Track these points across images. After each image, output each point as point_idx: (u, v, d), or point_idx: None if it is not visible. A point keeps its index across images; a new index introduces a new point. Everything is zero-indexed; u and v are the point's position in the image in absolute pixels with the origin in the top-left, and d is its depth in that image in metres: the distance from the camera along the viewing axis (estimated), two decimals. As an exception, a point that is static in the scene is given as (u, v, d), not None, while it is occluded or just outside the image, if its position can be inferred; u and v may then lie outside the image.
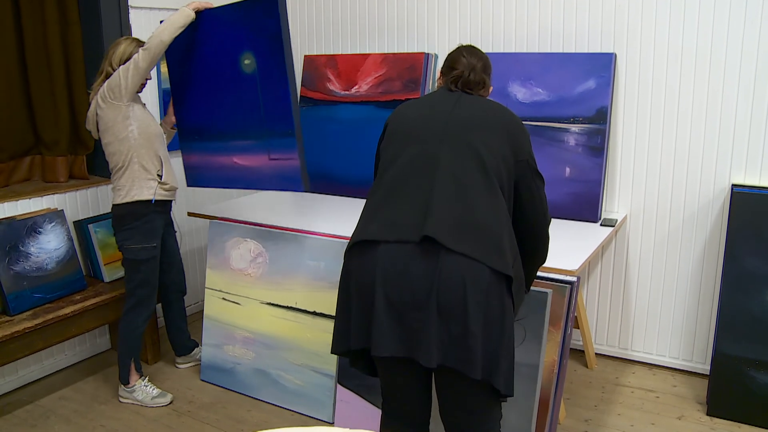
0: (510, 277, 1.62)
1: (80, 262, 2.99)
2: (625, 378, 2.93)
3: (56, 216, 2.91)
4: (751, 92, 2.60)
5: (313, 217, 2.96)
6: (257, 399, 2.80)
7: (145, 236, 2.64)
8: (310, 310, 2.66)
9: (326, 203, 3.25)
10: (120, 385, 2.79)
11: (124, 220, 2.61)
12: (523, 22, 3.03)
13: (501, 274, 1.59)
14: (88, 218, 3.10)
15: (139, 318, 2.73)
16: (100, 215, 3.13)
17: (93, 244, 3.06)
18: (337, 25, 3.57)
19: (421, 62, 3.21)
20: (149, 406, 2.75)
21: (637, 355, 3.04)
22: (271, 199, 3.30)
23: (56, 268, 2.85)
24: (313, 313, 2.65)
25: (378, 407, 2.44)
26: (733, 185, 2.67)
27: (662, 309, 2.94)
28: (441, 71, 1.90)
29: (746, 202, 2.57)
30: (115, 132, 2.55)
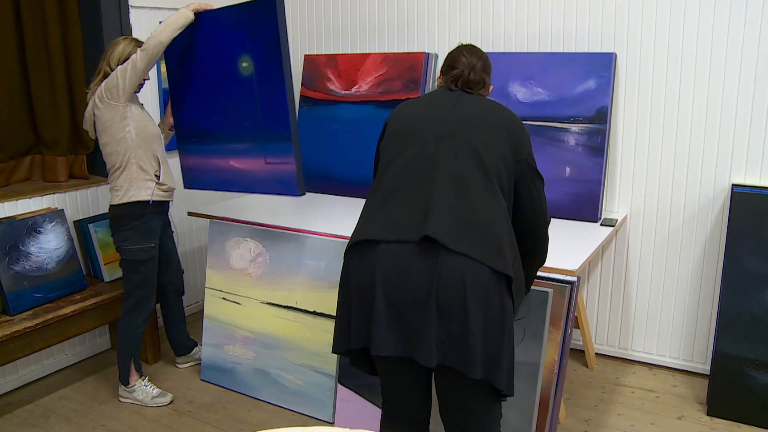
0: (510, 277, 1.62)
1: (80, 262, 2.99)
2: (625, 378, 2.92)
3: (56, 215, 2.91)
4: (751, 92, 2.60)
5: (313, 217, 2.96)
6: (257, 399, 2.80)
7: (143, 237, 2.63)
8: (310, 309, 2.66)
9: (326, 203, 3.25)
10: (120, 384, 2.79)
11: (122, 221, 2.61)
12: (523, 21, 3.03)
13: (501, 274, 1.59)
14: (89, 218, 3.10)
15: (138, 318, 2.73)
16: (100, 215, 3.13)
17: (93, 244, 3.06)
18: (337, 25, 3.57)
19: (422, 62, 3.21)
20: (149, 406, 2.75)
21: (637, 355, 3.04)
22: (271, 199, 3.29)
23: (56, 268, 2.85)
24: (313, 313, 2.65)
25: (378, 407, 2.43)
26: (734, 185, 2.67)
27: (662, 309, 2.94)
28: (441, 70, 1.89)
29: (746, 202, 2.57)
30: (112, 132, 2.55)
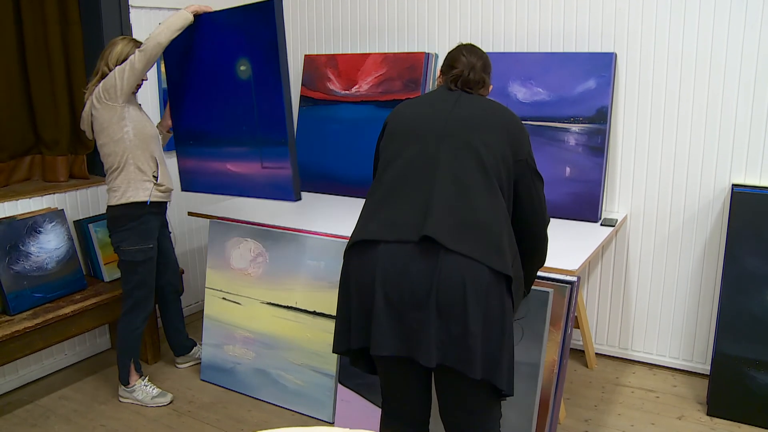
0: (509, 277, 1.62)
1: (80, 262, 2.99)
2: (625, 378, 2.92)
3: (56, 215, 2.91)
4: (751, 92, 2.60)
5: (313, 217, 2.96)
6: (257, 399, 2.80)
7: (140, 237, 2.63)
8: (310, 309, 2.66)
9: (326, 203, 3.25)
10: (120, 385, 2.79)
11: (120, 222, 2.60)
12: (523, 21, 3.03)
13: (500, 274, 1.59)
14: (88, 218, 3.10)
15: (137, 319, 2.72)
16: (100, 215, 3.13)
17: (93, 244, 3.06)
18: (337, 25, 3.57)
19: (422, 62, 3.21)
20: (149, 406, 2.75)
21: (637, 355, 3.04)
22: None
23: (56, 268, 2.85)
24: (313, 313, 2.65)
25: (378, 407, 2.43)
26: (734, 185, 2.67)
27: (662, 309, 2.94)
28: (441, 70, 1.89)
29: (746, 202, 2.57)
30: (110, 133, 2.54)
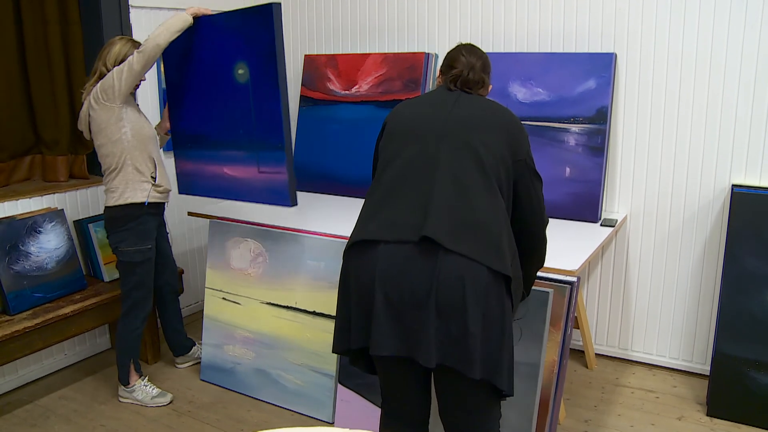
0: (509, 277, 1.62)
1: (80, 262, 2.99)
2: (625, 378, 2.92)
3: (56, 215, 2.91)
4: (751, 92, 2.60)
5: (313, 217, 2.96)
6: (257, 399, 2.80)
7: (139, 238, 2.63)
8: (310, 310, 2.66)
9: (326, 203, 3.25)
10: (120, 385, 2.79)
11: (118, 223, 2.60)
12: (523, 21, 3.03)
13: (500, 274, 1.59)
14: (88, 218, 3.10)
15: (136, 320, 2.72)
16: (100, 215, 3.13)
17: (93, 244, 3.06)
18: (337, 25, 3.57)
19: (422, 62, 3.21)
20: (149, 406, 2.75)
21: (637, 356, 3.04)
22: (271, 199, 3.30)
23: (56, 268, 2.85)
24: (313, 313, 2.64)
25: (378, 407, 2.43)
26: (734, 185, 2.67)
27: (662, 309, 2.94)
28: (440, 70, 1.89)
29: (746, 202, 2.57)
30: (108, 134, 2.54)
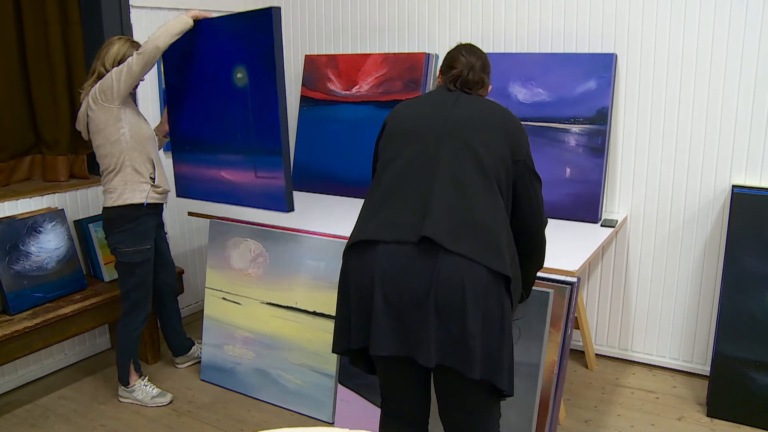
0: (508, 278, 1.62)
1: (80, 262, 2.99)
2: (625, 379, 2.92)
3: (56, 215, 2.91)
4: (751, 93, 2.60)
5: (313, 217, 2.96)
6: (257, 399, 2.79)
7: (137, 239, 2.62)
8: (310, 310, 2.66)
9: (326, 203, 3.25)
10: (120, 385, 2.79)
11: (116, 223, 2.60)
12: (523, 22, 3.03)
13: (499, 275, 1.59)
14: (89, 218, 3.10)
15: (136, 320, 2.72)
16: (100, 215, 3.11)
17: (93, 244, 3.06)
18: (338, 25, 3.57)
19: (422, 62, 3.21)
20: (149, 406, 2.75)
21: (637, 356, 3.04)
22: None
23: (56, 268, 2.85)
24: (313, 313, 2.64)
25: (378, 407, 2.43)
26: (734, 186, 2.67)
27: (662, 310, 2.94)
28: (440, 70, 1.89)
29: (746, 202, 2.57)
30: (106, 134, 2.53)
